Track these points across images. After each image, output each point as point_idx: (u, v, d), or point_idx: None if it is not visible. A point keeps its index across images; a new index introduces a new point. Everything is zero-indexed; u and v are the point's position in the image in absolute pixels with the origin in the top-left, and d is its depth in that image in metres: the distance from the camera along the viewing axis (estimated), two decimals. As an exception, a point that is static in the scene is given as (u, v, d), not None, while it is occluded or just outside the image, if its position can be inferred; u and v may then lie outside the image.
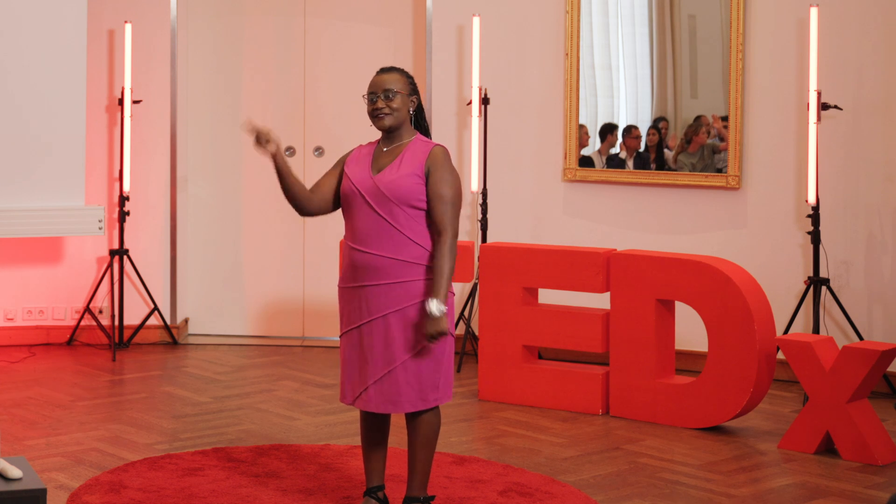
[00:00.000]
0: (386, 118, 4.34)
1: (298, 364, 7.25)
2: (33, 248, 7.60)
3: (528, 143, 7.49)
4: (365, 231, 4.32)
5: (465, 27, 7.51)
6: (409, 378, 4.30)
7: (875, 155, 6.64)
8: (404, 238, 4.28)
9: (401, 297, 4.28)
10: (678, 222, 7.13)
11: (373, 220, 4.30)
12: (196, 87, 7.94)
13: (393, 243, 4.28)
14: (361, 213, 4.33)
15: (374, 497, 4.50)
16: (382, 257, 4.28)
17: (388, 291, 4.29)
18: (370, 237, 4.30)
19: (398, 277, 4.28)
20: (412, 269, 4.29)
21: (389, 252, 4.28)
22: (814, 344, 5.47)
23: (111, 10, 7.65)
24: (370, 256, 4.30)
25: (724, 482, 5.08)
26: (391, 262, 4.28)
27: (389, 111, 4.34)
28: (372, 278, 4.30)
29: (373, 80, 4.40)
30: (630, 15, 7.23)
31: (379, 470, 4.51)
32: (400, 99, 4.34)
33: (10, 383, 6.65)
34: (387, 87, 4.34)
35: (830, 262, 6.69)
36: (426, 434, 4.36)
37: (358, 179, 4.36)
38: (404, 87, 4.36)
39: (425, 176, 4.30)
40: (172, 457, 5.26)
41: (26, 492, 3.93)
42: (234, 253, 7.99)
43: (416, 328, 4.29)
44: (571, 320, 6.23)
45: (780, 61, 6.85)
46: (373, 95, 4.36)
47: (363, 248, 4.31)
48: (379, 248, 4.28)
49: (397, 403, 4.31)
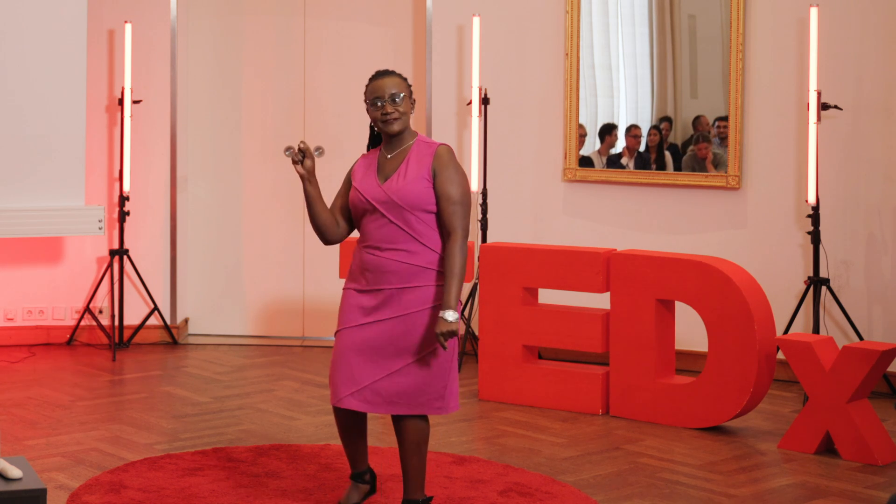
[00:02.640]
0: (395, 123, 4.34)
1: (298, 364, 7.25)
2: (33, 248, 7.60)
3: (528, 143, 7.50)
4: (379, 236, 4.33)
5: (465, 27, 7.51)
6: (410, 382, 4.31)
7: (875, 155, 6.64)
8: (418, 243, 4.30)
9: (412, 301, 4.30)
10: (678, 222, 7.13)
11: (386, 227, 4.32)
12: (196, 87, 7.94)
13: (407, 248, 4.30)
14: (374, 221, 4.35)
15: (360, 481, 4.57)
16: (396, 262, 4.30)
17: (399, 295, 4.30)
18: (384, 242, 4.32)
19: (410, 282, 4.30)
20: (424, 275, 4.30)
21: (403, 257, 4.30)
22: (814, 344, 5.47)
23: (111, 10, 7.65)
24: (384, 260, 4.31)
25: (724, 482, 5.08)
26: (405, 266, 4.30)
27: (399, 115, 4.33)
28: (384, 282, 4.32)
29: (373, 84, 4.37)
30: (630, 15, 7.24)
31: (361, 459, 4.56)
32: (406, 102, 4.35)
33: (10, 383, 6.65)
34: (392, 91, 4.33)
35: (830, 262, 6.69)
36: (414, 440, 4.36)
37: (367, 190, 4.36)
38: (406, 89, 4.38)
39: (432, 178, 4.30)
40: (172, 457, 5.26)
41: (26, 492, 3.93)
42: (234, 253, 7.99)
43: (425, 333, 4.30)
44: (571, 320, 6.23)
45: (780, 61, 6.85)
46: (379, 101, 4.33)
47: (376, 253, 4.33)
48: (393, 254, 4.30)
49: (396, 404, 4.32)
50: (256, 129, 7.96)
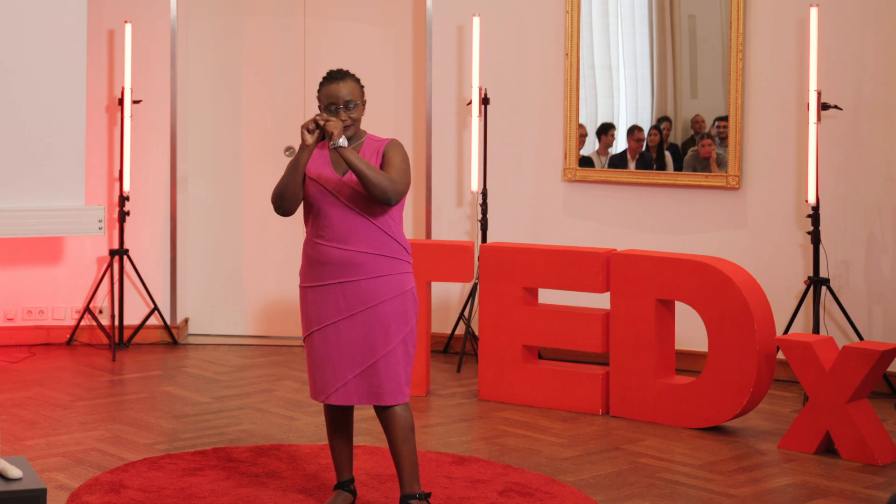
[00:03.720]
0: (349, 129, 4.40)
1: (298, 364, 7.25)
2: (33, 248, 7.60)
3: (528, 143, 7.49)
4: (342, 228, 4.38)
5: (465, 27, 7.51)
6: (388, 371, 4.38)
7: (875, 155, 6.64)
8: (382, 233, 4.38)
9: (380, 291, 4.37)
10: (678, 222, 7.13)
11: (350, 217, 4.37)
12: (196, 87, 7.94)
13: (372, 239, 4.37)
14: (337, 212, 4.38)
15: (346, 489, 4.60)
16: (362, 253, 4.36)
17: (367, 286, 4.37)
18: (349, 234, 4.37)
19: (377, 272, 4.38)
20: (390, 264, 4.39)
21: (369, 248, 4.37)
22: (814, 344, 5.47)
23: (111, 10, 7.65)
24: (350, 253, 4.37)
25: (724, 482, 5.08)
26: (371, 257, 4.37)
27: (351, 122, 4.41)
28: (350, 274, 4.37)
29: (328, 88, 4.41)
30: (630, 15, 7.24)
31: (348, 464, 4.62)
32: (358, 108, 4.43)
33: (10, 383, 6.65)
34: (347, 99, 4.39)
35: (830, 262, 6.69)
36: (403, 428, 4.41)
37: (326, 181, 4.40)
38: (360, 96, 4.44)
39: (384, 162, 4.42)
40: (172, 457, 5.26)
41: (26, 492, 3.94)
42: (234, 253, 7.99)
43: (396, 321, 4.38)
44: (571, 320, 6.23)
45: (780, 61, 6.85)
46: (333, 106, 4.39)
47: (341, 246, 4.38)
48: (358, 245, 4.37)
49: (379, 395, 4.39)
50: (256, 129, 7.96)
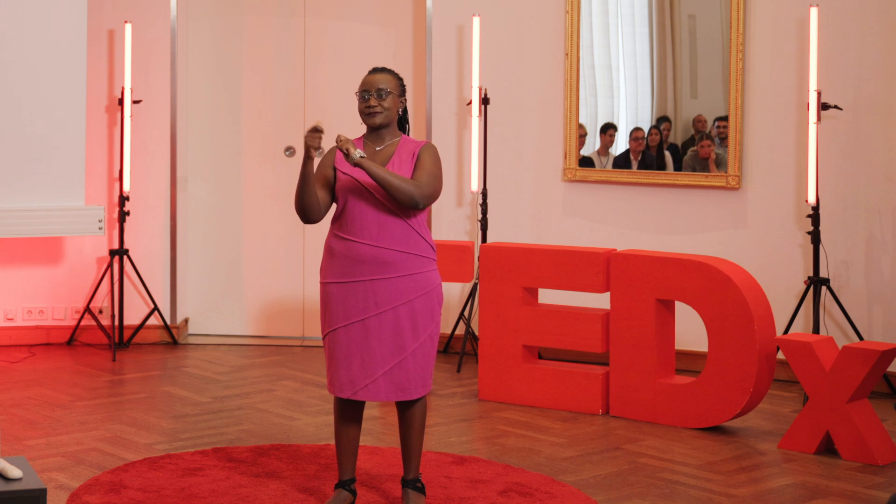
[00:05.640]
0: (377, 116, 4.47)
1: (298, 364, 7.25)
2: (33, 248, 7.60)
3: (528, 144, 7.49)
4: (373, 225, 4.41)
5: (465, 27, 7.51)
6: (416, 366, 4.45)
7: (875, 155, 6.64)
8: (413, 232, 4.42)
9: (410, 288, 4.42)
10: (678, 222, 7.13)
11: (384, 215, 4.40)
12: (196, 87, 7.94)
13: (403, 237, 4.41)
14: (368, 208, 4.41)
15: (347, 489, 4.61)
16: (393, 251, 4.40)
17: (397, 284, 4.41)
18: (381, 231, 4.40)
19: (407, 271, 4.42)
20: (419, 262, 4.44)
21: (400, 246, 4.40)
22: (814, 344, 5.47)
23: (111, 10, 7.65)
24: (380, 250, 4.40)
25: (724, 482, 5.08)
26: (401, 255, 4.41)
27: (381, 109, 4.46)
28: (382, 272, 4.41)
29: (365, 78, 4.52)
30: (630, 15, 7.23)
31: (352, 461, 4.64)
32: (391, 99, 4.48)
33: (10, 383, 6.65)
34: (380, 87, 4.46)
35: (830, 262, 6.69)
36: (422, 418, 4.55)
37: (360, 176, 4.43)
38: (396, 88, 4.50)
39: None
40: (172, 457, 5.26)
41: (26, 492, 3.94)
42: (234, 253, 7.99)
43: (422, 318, 4.44)
44: (571, 320, 6.23)
45: (780, 61, 6.85)
46: (366, 93, 4.48)
47: (374, 243, 4.41)
48: (391, 243, 4.40)
49: (406, 391, 4.46)
50: (256, 129, 7.96)
